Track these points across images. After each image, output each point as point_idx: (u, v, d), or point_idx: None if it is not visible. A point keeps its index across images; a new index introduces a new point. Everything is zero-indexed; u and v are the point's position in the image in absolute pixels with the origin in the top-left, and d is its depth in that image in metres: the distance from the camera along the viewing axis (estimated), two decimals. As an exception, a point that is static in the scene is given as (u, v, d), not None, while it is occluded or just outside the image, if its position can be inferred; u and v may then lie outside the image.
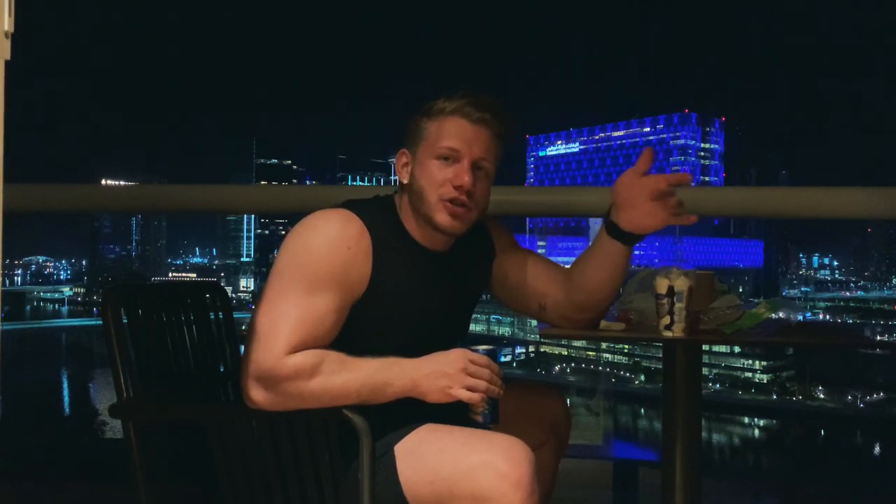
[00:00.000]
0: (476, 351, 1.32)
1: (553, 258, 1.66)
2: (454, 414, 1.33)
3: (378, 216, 1.40)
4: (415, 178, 1.41)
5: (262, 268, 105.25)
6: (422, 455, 1.28)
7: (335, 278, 1.31)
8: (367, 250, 1.36)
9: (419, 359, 1.30)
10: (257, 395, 1.27)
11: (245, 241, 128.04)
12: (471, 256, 1.53)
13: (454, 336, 1.53)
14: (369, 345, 1.35)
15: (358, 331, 1.36)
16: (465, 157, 1.39)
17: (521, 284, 1.56)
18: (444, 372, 1.28)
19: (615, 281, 1.52)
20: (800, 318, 1.73)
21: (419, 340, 1.41)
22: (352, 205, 1.40)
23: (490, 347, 1.33)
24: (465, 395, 1.28)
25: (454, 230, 1.41)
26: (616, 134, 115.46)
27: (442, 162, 1.39)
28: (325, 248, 1.32)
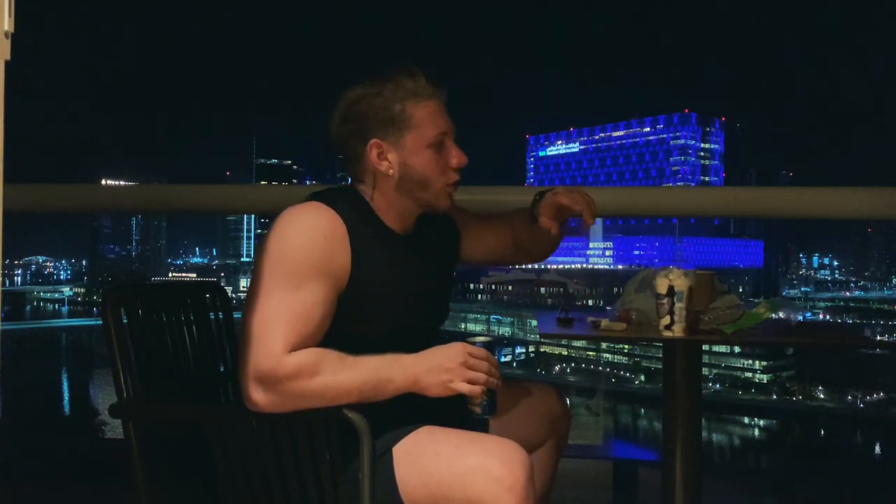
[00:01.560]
0: (474, 344, 1.33)
1: (553, 257, 1.68)
2: (454, 412, 1.33)
3: (346, 204, 1.40)
4: (409, 167, 1.39)
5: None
6: (418, 457, 1.28)
7: (318, 269, 1.31)
8: (343, 237, 1.36)
9: (418, 354, 1.31)
10: (258, 397, 1.26)
11: (245, 241, 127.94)
12: (435, 235, 1.54)
13: (438, 318, 1.54)
14: (360, 331, 1.36)
15: (347, 320, 1.36)
16: (450, 136, 1.42)
17: (492, 248, 1.65)
18: (444, 367, 1.29)
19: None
20: (800, 318, 1.73)
21: (405, 324, 1.42)
22: (319, 196, 1.41)
23: (487, 339, 1.34)
24: (465, 388, 1.29)
25: (448, 208, 1.47)
26: (616, 134, 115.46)
27: (434, 149, 1.40)
28: (304, 241, 1.32)
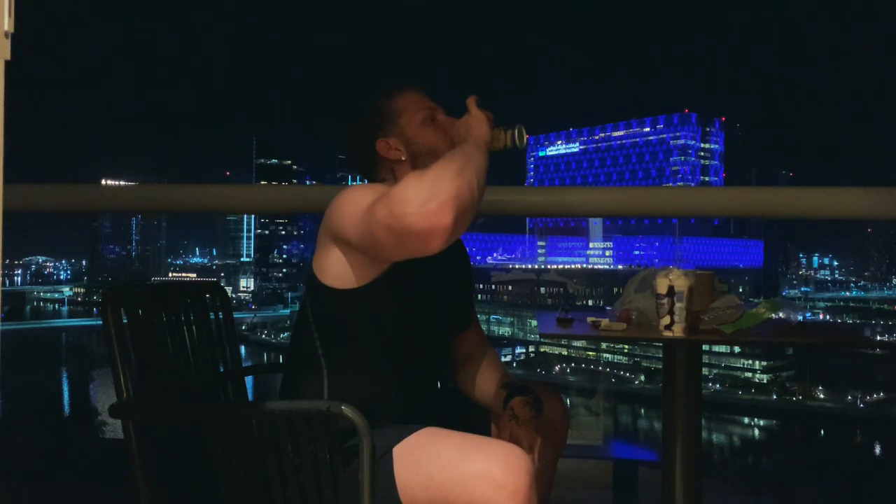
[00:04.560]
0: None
1: (553, 258, 1.68)
2: (455, 414, 1.33)
3: None
4: (414, 143, 1.50)
5: (262, 268, 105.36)
6: (419, 459, 1.27)
7: None
8: None
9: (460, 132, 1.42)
10: (420, 206, 1.12)
11: (245, 241, 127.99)
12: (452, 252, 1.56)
13: (464, 319, 1.60)
14: (392, 320, 1.39)
15: (381, 306, 1.37)
16: (440, 112, 1.54)
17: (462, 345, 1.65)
18: (477, 119, 1.43)
19: None
20: (800, 318, 1.73)
21: (432, 318, 1.45)
22: None
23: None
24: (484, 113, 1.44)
25: None
26: (616, 134, 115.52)
27: (429, 123, 1.51)
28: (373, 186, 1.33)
